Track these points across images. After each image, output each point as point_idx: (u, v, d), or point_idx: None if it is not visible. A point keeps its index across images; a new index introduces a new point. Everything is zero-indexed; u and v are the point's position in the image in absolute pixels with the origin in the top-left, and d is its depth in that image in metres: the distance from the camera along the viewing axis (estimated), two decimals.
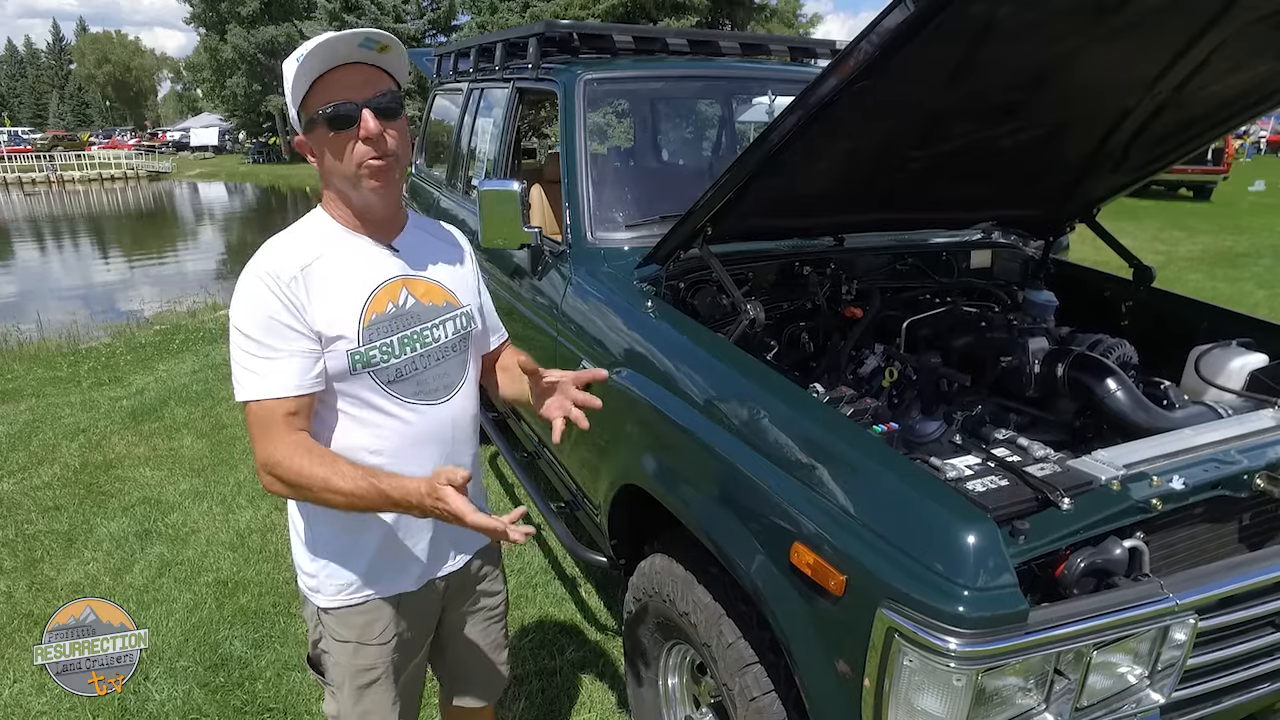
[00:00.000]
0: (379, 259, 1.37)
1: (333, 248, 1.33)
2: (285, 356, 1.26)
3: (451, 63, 4.40)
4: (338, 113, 1.24)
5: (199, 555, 3.27)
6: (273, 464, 1.25)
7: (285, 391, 1.26)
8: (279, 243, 1.32)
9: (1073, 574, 1.27)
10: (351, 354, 1.31)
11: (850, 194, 2.20)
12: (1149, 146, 2.22)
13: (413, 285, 1.39)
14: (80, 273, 14.85)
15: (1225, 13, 1.56)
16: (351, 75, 1.25)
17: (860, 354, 2.25)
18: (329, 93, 1.24)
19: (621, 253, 2.45)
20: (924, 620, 1.14)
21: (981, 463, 1.46)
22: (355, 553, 1.43)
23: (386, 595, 1.47)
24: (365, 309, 1.32)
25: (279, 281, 1.26)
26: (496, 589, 1.71)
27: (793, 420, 1.53)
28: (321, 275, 1.30)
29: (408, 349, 1.36)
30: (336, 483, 1.23)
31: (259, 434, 1.27)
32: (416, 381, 1.38)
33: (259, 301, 1.26)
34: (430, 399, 1.41)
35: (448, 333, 1.43)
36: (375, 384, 1.34)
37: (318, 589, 1.46)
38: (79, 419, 4.77)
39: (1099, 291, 2.63)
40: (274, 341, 1.26)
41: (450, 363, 1.44)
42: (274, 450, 1.25)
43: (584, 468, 2.46)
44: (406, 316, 1.37)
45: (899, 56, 1.37)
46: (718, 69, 2.97)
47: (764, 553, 1.44)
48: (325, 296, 1.29)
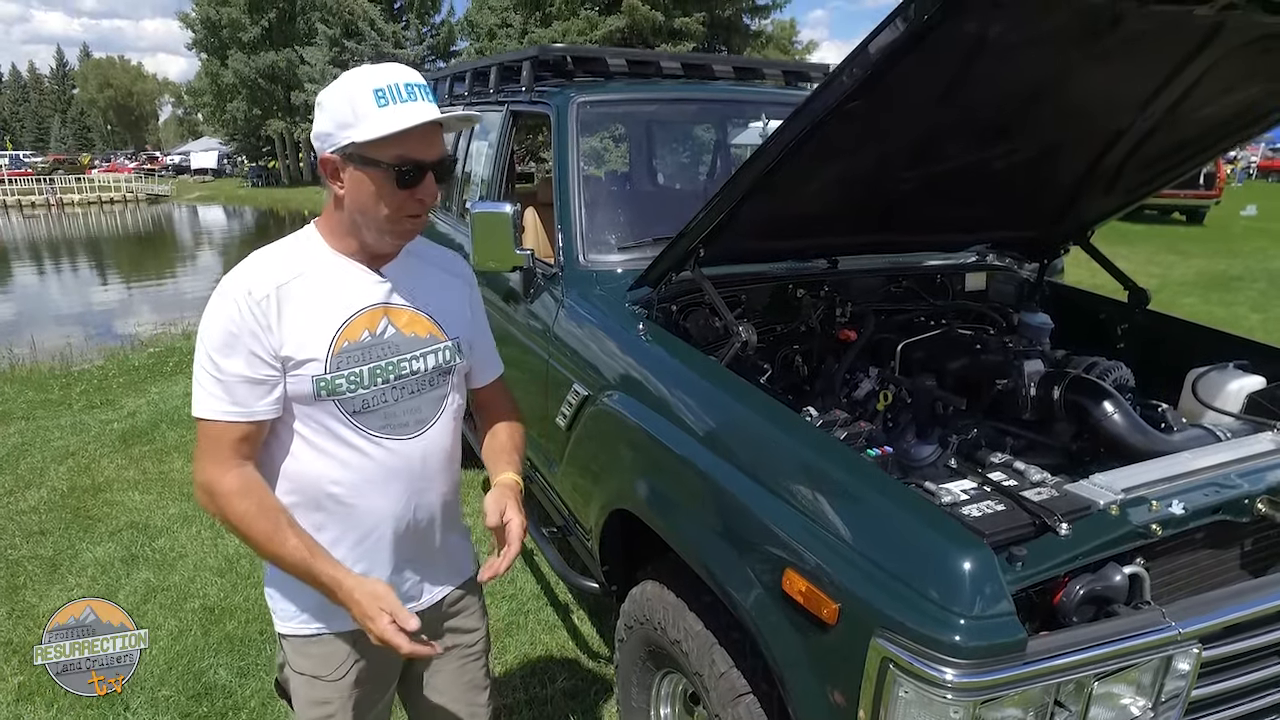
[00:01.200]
0: (363, 284, 1.32)
1: (315, 268, 1.30)
2: (241, 381, 1.23)
3: (447, 87, 4.43)
4: (413, 171, 1.22)
5: (186, 581, 3.22)
6: (213, 489, 1.24)
7: (238, 416, 1.24)
8: (260, 257, 1.29)
9: (1071, 602, 1.24)
10: (317, 380, 1.26)
11: (843, 215, 2.19)
12: (1142, 168, 2.22)
13: (395, 314, 1.34)
14: (77, 295, 14.84)
15: (1215, 35, 1.56)
16: (431, 134, 1.24)
17: (854, 377, 2.23)
18: (407, 146, 1.21)
19: (614, 275, 2.44)
20: (919, 650, 1.10)
21: (977, 487, 1.43)
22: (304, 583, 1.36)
23: (343, 630, 1.39)
24: (338, 335, 1.28)
25: (251, 299, 1.22)
26: (473, 625, 1.60)
27: (785, 444, 1.50)
28: (297, 295, 1.26)
29: (378, 380, 1.31)
30: (273, 544, 1.23)
31: (205, 450, 1.25)
32: (385, 414, 1.33)
33: (226, 318, 1.22)
34: (399, 433, 1.35)
35: (427, 366, 1.37)
36: (339, 413, 1.29)
37: (276, 612, 1.42)
38: (69, 442, 4.72)
39: (1094, 314, 2.62)
40: (233, 364, 1.23)
41: (426, 397, 1.38)
42: (219, 478, 1.24)
43: (575, 492, 2.43)
44: (383, 346, 1.32)
45: (892, 75, 1.36)
46: (711, 92, 2.98)
47: (756, 580, 1.41)
48: (297, 318, 1.25)
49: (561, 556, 2.61)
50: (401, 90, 1.19)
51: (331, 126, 1.22)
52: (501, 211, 2.49)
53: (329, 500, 1.33)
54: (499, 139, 3.30)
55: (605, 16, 18.12)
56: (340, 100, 1.21)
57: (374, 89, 1.19)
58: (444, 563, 1.52)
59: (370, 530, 1.36)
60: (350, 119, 1.20)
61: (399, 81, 1.20)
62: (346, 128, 1.20)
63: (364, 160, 1.21)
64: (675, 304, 2.25)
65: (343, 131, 1.21)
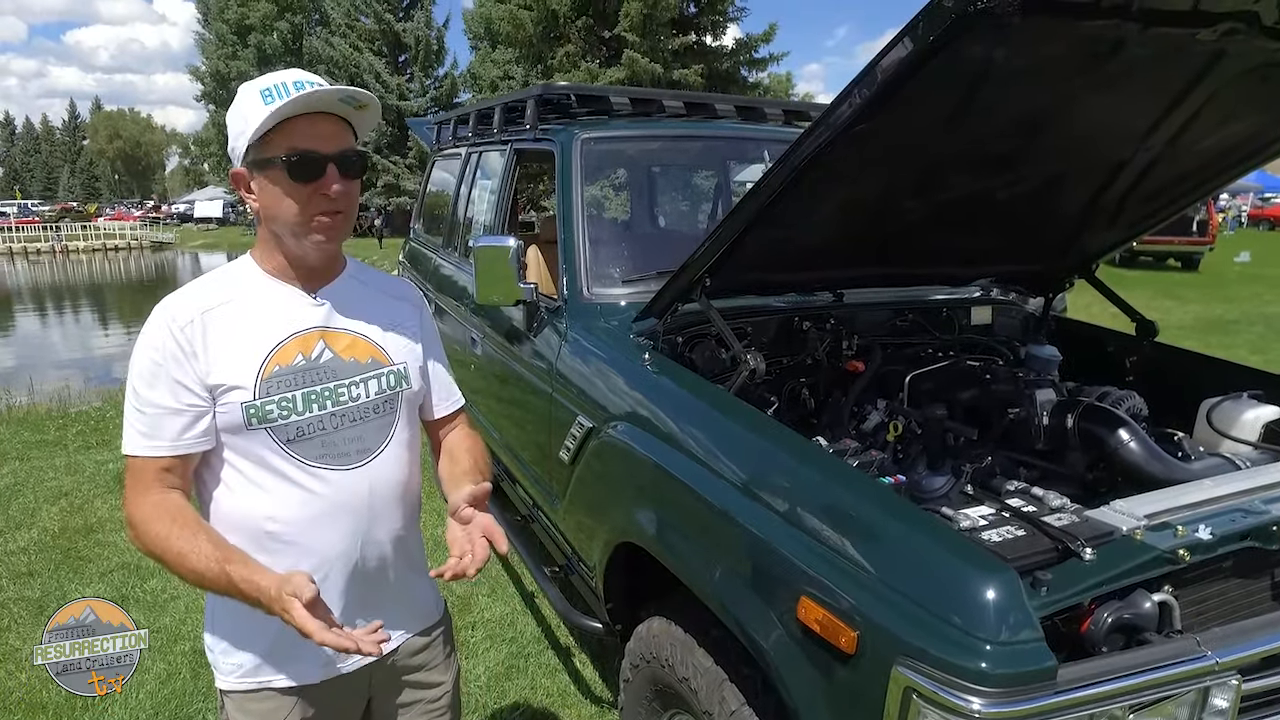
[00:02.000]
0: (297, 308, 1.27)
1: (246, 292, 1.25)
2: (164, 413, 1.18)
3: (451, 129, 4.49)
4: (305, 162, 1.17)
5: (176, 623, 3.13)
6: (133, 521, 1.18)
7: (158, 451, 1.19)
8: (190, 286, 1.26)
9: (1100, 630, 1.19)
10: (246, 407, 1.20)
11: (848, 247, 2.19)
12: (1144, 201, 2.23)
13: (333, 338, 1.28)
14: (78, 341, 14.85)
15: (1216, 63, 1.58)
16: (323, 125, 1.19)
17: (863, 410, 2.20)
18: (296, 138, 1.17)
19: (618, 308, 2.42)
20: (944, 678, 1.05)
21: (995, 513, 1.40)
22: (255, 632, 1.27)
23: (287, 686, 1.30)
24: (268, 360, 1.22)
25: (175, 324, 1.19)
26: (437, 679, 1.47)
27: (796, 470, 1.47)
28: (224, 320, 1.22)
29: (314, 406, 1.24)
30: (190, 560, 1.13)
31: (130, 487, 1.20)
32: (322, 443, 1.25)
33: (152, 345, 1.19)
34: (340, 463, 1.26)
35: (369, 392, 1.29)
36: (273, 442, 1.22)
37: (216, 665, 1.33)
38: (62, 482, 4.65)
39: (1102, 347, 2.61)
40: (156, 395, 1.18)
41: (370, 425, 1.30)
42: (138, 507, 1.18)
43: (579, 528, 2.38)
44: (318, 371, 1.26)
45: (898, 97, 1.37)
46: (714, 129, 3.01)
47: (769, 610, 1.36)
48: (224, 343, 1.21)
49: (564, 596, 2.54)
50: (289, 86, 1.17)
51: (233, 139, 1.21)
52: (504, 245, 2.49)
53: (269, 539, 1.24)
54: (502, 178, 3.33)
55: (606, 69, 18.58)
56: (235, 111, 1.20)
57: (261, 90, 1.18)
58: (401, 606, 1.41)
59: (314, 571, 1.22)
60: (243, 125, 1.18)
61: (286, 80, 1.18)
62: (241, 134, 1.19)
63: (263, 162, 1.19)
64: (680, 336, 2.23)
65: (240, 140, 1.19)
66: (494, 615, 3.25)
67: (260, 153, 1.19)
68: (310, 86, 1.17)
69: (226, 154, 1.28)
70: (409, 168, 28.56)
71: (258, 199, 1.22)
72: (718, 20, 16.74)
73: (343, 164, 1.20)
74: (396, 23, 29.53)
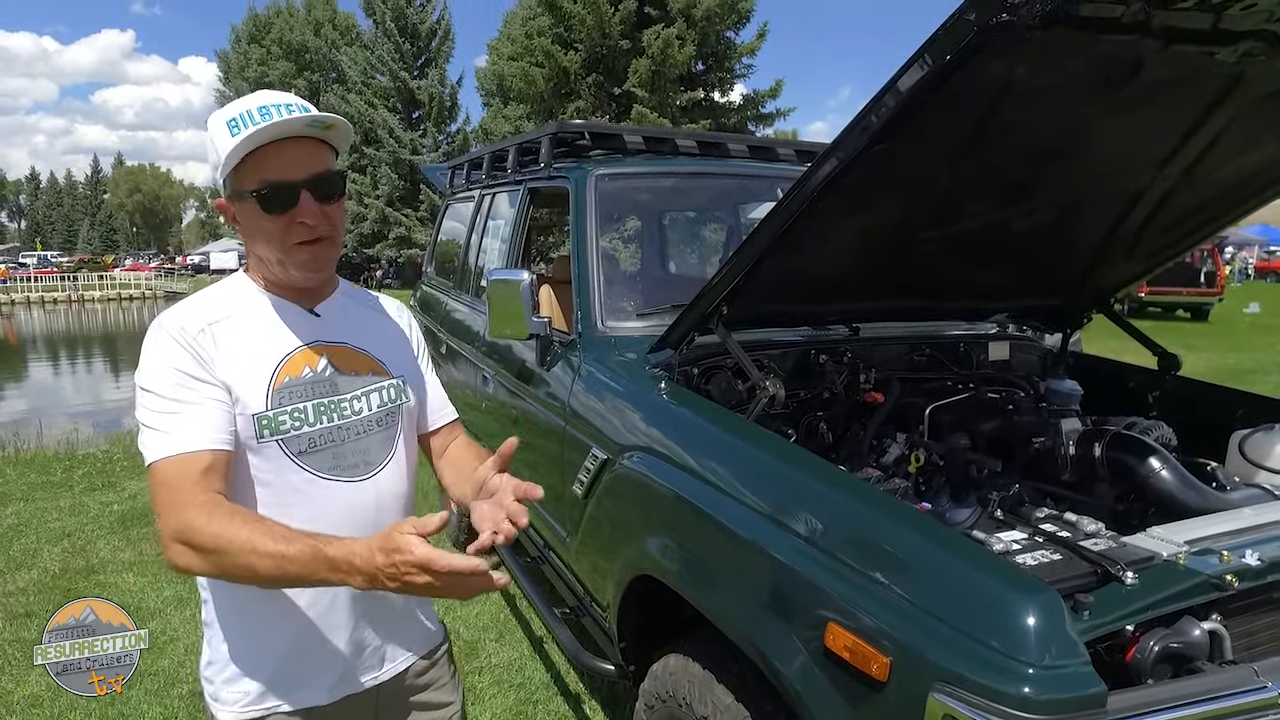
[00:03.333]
0: (299, 322, 1.26)
1: (246, 308, 1.24)
2: (196, 409, 1.13)
3: (464, 173, 4.55)
4: (274, 194, 1.14)
5: (175, 665, 3.04)
6: (186, 527, 1.04)
7: (197, 445, 1.10)
8: (189, 300, 1.24)
9: (1146, 659, 1.13)
10: (258, 418, 1.17)
11: (864, 279, 2.18)
12: (1161, 232, 2.21)
13: (333, 353, 1.27)
14: (89, 389, 14.90)
15: (1234, 87, 1.58)
16: (290, 151, 1.15)
17: (882, 443, 2.15)
18: (265, 169, 1.14)
19: (632, 341, 2.40)
20: (984, 705, 0.99)
21: (1028, 538, 1.34)
22: (260, 656, 1.24)
23: (294, 709, 1.25)
24: (277, 371, 1.21)
25: (185, 334, 1.16)
26: (445, 700, 1.44)
27: (823, 494, 1.42)
28: (230, 333, 1.20)
29: (324, 418, 1.22)
30: (263, 543, 1.02)
31: (167, 499, 1.07)
32: (333, 454, 1.23)
33: (164, 354, 1.15)
34: (348, 475, 1.25)
35: (371, 405, 1.28)
36: (285, 454, 1.20)
37: (216, 696, 1.26)
38: (65, 523, 4.59)
39: (1123, 382, 2.57)
40: (182, 395, 1.13)
41: (373, 438, 1.28)
42: (185, 514, 1.05)
43: (592, 566, 2.31)
44: (324, 384, 1.24)
45: (918, 117, 1.37)
46: (729, 167, 3.04)
47: (795, 639, 1.29)
48: (233, 354, 1.18)
49: (575, 638, 2.46)
50: (254, 114, 1.13)
51: (210, 171, 1.20)
52: (518, 279, 2.49)
53: None
54: (515, 218, 3.35)
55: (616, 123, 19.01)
56: (209, 144, 1.18)
57: (227, 120, 1.14)
58: (407, 627, 1.38)
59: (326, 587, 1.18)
60: (217, 158, 1.16)
61: (253, 106, 1.14)
62: (215, 168, 1.16)
63: (238, 194, 1.17)
64: (696, 367, 2.20)
65: (216, 172, 1.17)
66: (501, 660, 3.15)
67: (235, 184, 1.17)
68: (276, 112, 1.13)
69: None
70: (420, 220, 29.02)
71: (242, 229, 1.21)
72: (725, 77, 17.15)
73: (317, 189, 1.17)
74: (411, 80, 30.38)
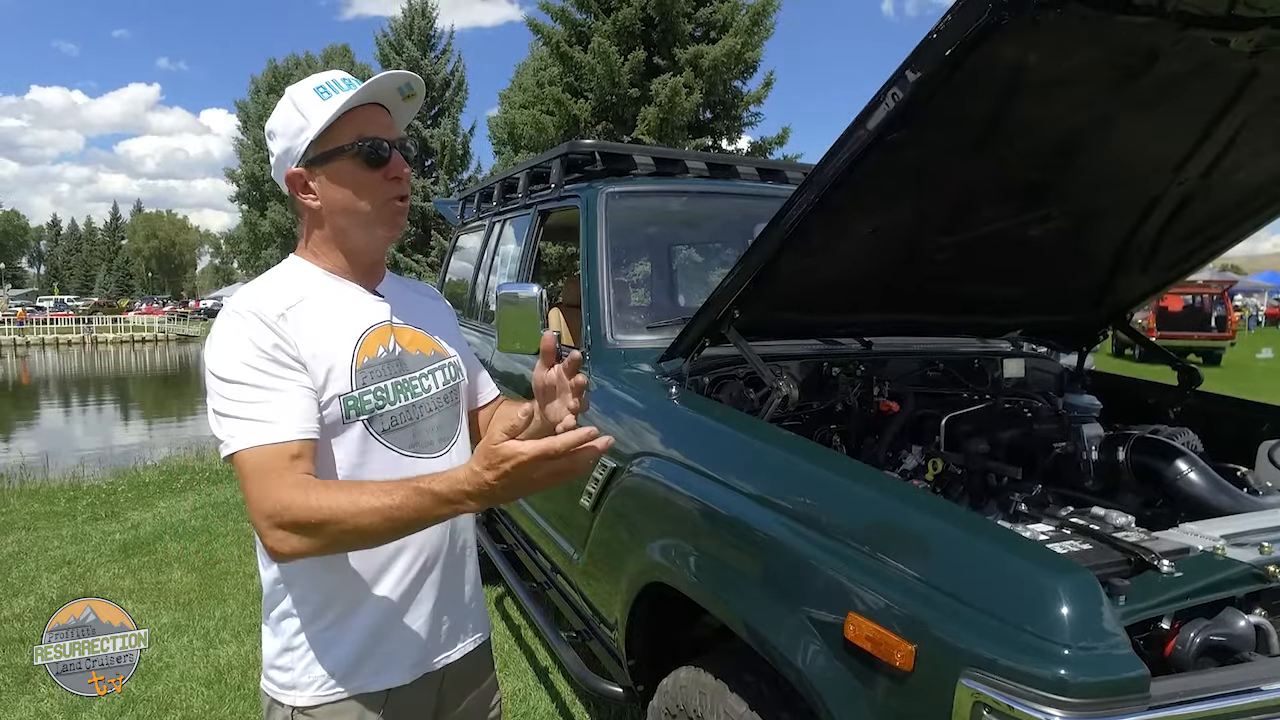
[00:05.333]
0: (366, 303, 1.27)
1: (316, 291, 1.23)
2: (282, 396, 1.10)
3: (475, 202, 4.59)
4: (375, 148, 1.19)
5: (168, 692, 2.96)
6: (283, 508, 1.02)
7: (285, 435, 1.08)
8: (257, 286, 1.22)
9: (1188, 651, 1.07)
10: (345, 399, 1.17)
11: (876, 290, 2.15)
12: (1178, 242, 2.19)
13: (400, 333, 1.29)
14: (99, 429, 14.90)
15: (1249, 84, 1.57)
16: (380, 115, 1.22)
17: (898, 455, 2.10)
18: (361, 127, 1.19)
19: (642, 353, 2.38)
20: (1018, 690, 0.93)
21: (1055, 529, 1.29)
22: (340, 638, 1.22)
23: (375, 690, 1.24)
24: (357, 352, 1.21)
25: (267, 317, 1.14)
26: (495, 686, 1.49)
27: (841, 485, 1.38)
28: (308, 316, 1.19)
29: (403, 396, 1.24)
30: (368, 501, 1.00)
31: (257, 484, 1.05)
32: (413, 432, 1.25)
33: (247, 336, 1.12)
34: (427, 451, 1.26)
35: (438, 383, 1.31)
36: (370, 434, 1.20)
37: (293, 684, 1.23)
38: (66, 551, 4.54)
39: (1142, 398, 2.51)
40: (268, 381, 1.10)
41: (444, 414, 1.31)
42: (281, 494, 1.03)
43: (600, 581, 2.24)
44: (396, 363, 1.26)
45: (928, 106, 1.36)
46: (739, 187, 3.05)
47: (814, 634, 1.23)
48: (314, 338, 1.17)
49: (581, 661, 2.38)
50: (340, 82, 1.20)
51: (287, 141, 1.20)
52: (528, 292, 2.48)
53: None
54: (526, 239, 3.36)
55: None
56: (287, 112, 1.21)
57: (315, 87, 1.20)
58: (474, 609, 1.41)
59: (415, 559, 1.25)
60: (302, 122, 1.19)
61: (337, 77, 1.21)
62: (301, 132, 1.19)
63: (327, 155, 1.19)
64: (707, 376, 2.17)
65: (299, 138, 1.19)
66: (506, 691, 3.05)
67: (323, 147, 1.18)
68: (358, 84, 1.20)
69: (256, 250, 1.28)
70: (431, 265, 29.35)
71: (322, 199, 1.21)
72: (732, 125, 17.41)
73: (403, 150, 1.23)
74: (424, 129, 31.07)
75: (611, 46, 14.79)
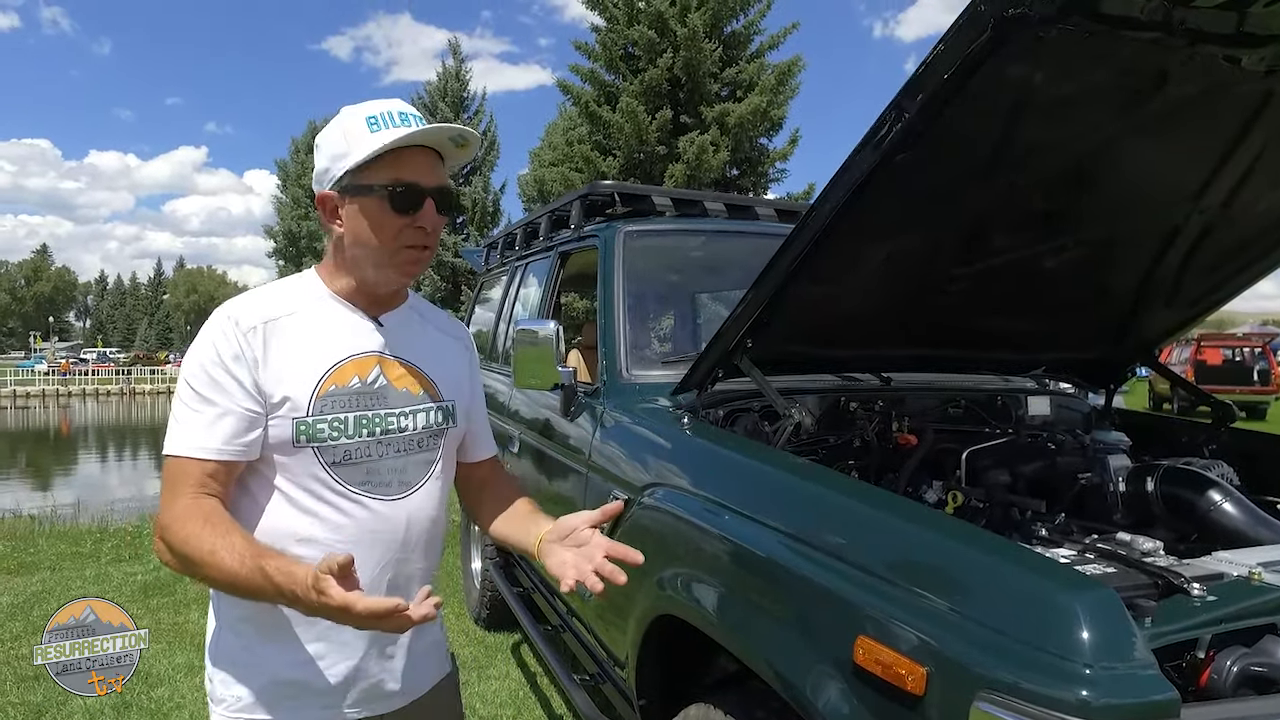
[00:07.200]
0: (358, 330, 1.24)
1: (310, 307, 1.23)
2: (217, 412, 1.12)
3: (499, 249, 4.67)
4: (408, 194, 1.16)
5: None
6: (165, 525, 1.09)
7: (204, 453, 1.11)
8: (252, 293, 1.24)
9: (1224, 680, 1.00)
10: (297, 423, 1.15)
11: (890, 322, 2.13)
12: (1203, 274, 2.14)
13: (388, 365, 1.25)
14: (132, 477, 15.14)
15: (1264, 108, 1.55)
16: (424, 158, 1.19)
17: (918, 489, 2.04)
18: (401, 169, 1.16)
19: (657, 387, 2.36)
20: (1036, 713, 0.88)
21: (1078, 553, 1.23)
22: (253, 666, 1.20)
23: None
24: (325, 377, 1.18)
25: (237, 328, 1.15)
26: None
27: (852, 509, 1.33)
28: (286, 332, 1.18)
29: (363, 431, 1.20)
30: (221, 558, 1.04)
31: (166, 492, 1.12)
32: (367, 469, 1.20)
33: (209, 345, 1.15)
34: (381, 493, 1.22)
35: (417, 424, 1.26)
36: (318, 463, 1.17)
37: (213, 695, 1.23)
38: (88, 591, 4.55)
39: (1175, 437, 2.42)
40: (211, 394, 1.13)
41: (413, 458, 1.26)
42: (174, 511, 1.09)
43: (611, 616, 2.19)
44: (371, 396, 1.22)
45: (935, 127, 1.36)
46: (757, 227, 3.06)
47: (820, 658, 1.18)
48: (283, 356, 1.17)
49: (592, 703, 2.31)
50: (395, 116, 1.16)
51: (327, 161, 1.19)
52: (545, 328, 2.49)
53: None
54: (547, 280, 3.40)
55: None
56: (335, 133, 1.19)
57: (367, 116, 1.16)
58: (420, 653, 1.32)
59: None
60: (344, 149, 1.16)
61: (393, 109, 1.17)
62: (341, 158, 1.17)
63: (359, 189, 1.16)
64: (721, 409, 2.15)
65: (338, 163, 1.17)
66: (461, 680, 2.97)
67: (358, 179, 1.16)
68: (414, 120, 1.18)
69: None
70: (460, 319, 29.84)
71: (346, 226, 1.20)
72: (758, 181, 17.66)
73: (440, 199, 1.19)
74: (457, 188, 31.93)
75: (639, 105, 15.14)
